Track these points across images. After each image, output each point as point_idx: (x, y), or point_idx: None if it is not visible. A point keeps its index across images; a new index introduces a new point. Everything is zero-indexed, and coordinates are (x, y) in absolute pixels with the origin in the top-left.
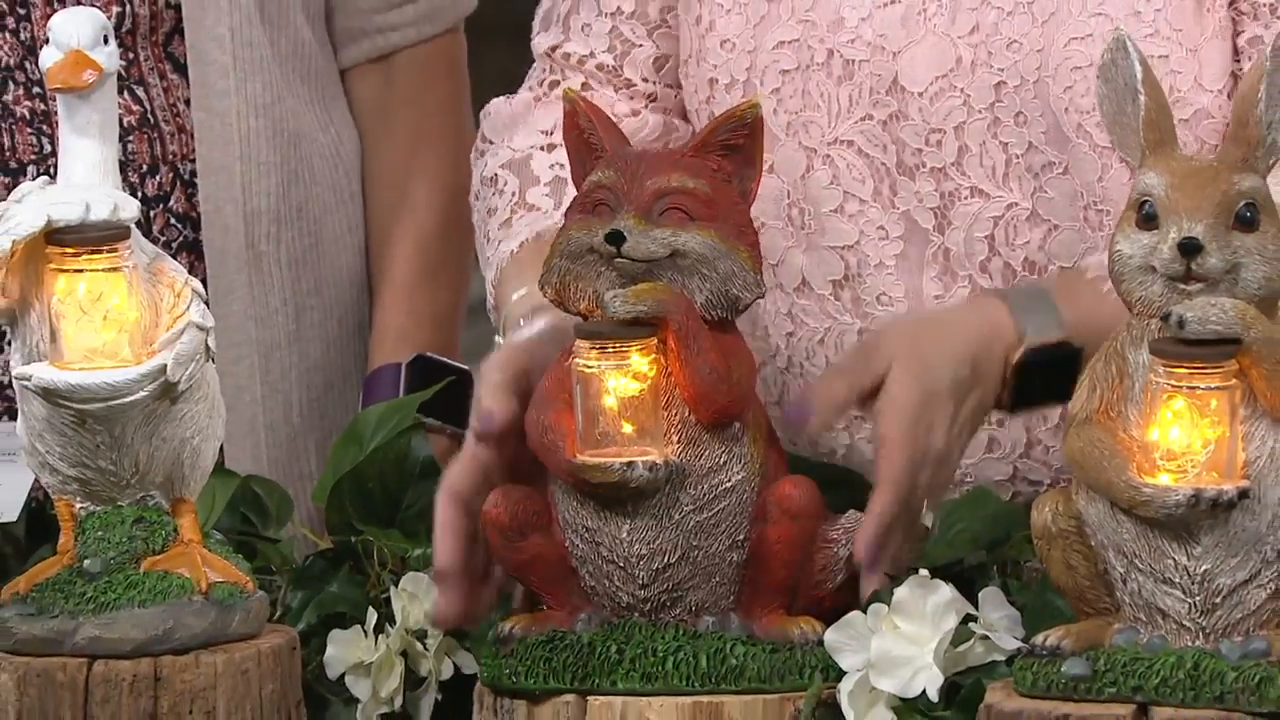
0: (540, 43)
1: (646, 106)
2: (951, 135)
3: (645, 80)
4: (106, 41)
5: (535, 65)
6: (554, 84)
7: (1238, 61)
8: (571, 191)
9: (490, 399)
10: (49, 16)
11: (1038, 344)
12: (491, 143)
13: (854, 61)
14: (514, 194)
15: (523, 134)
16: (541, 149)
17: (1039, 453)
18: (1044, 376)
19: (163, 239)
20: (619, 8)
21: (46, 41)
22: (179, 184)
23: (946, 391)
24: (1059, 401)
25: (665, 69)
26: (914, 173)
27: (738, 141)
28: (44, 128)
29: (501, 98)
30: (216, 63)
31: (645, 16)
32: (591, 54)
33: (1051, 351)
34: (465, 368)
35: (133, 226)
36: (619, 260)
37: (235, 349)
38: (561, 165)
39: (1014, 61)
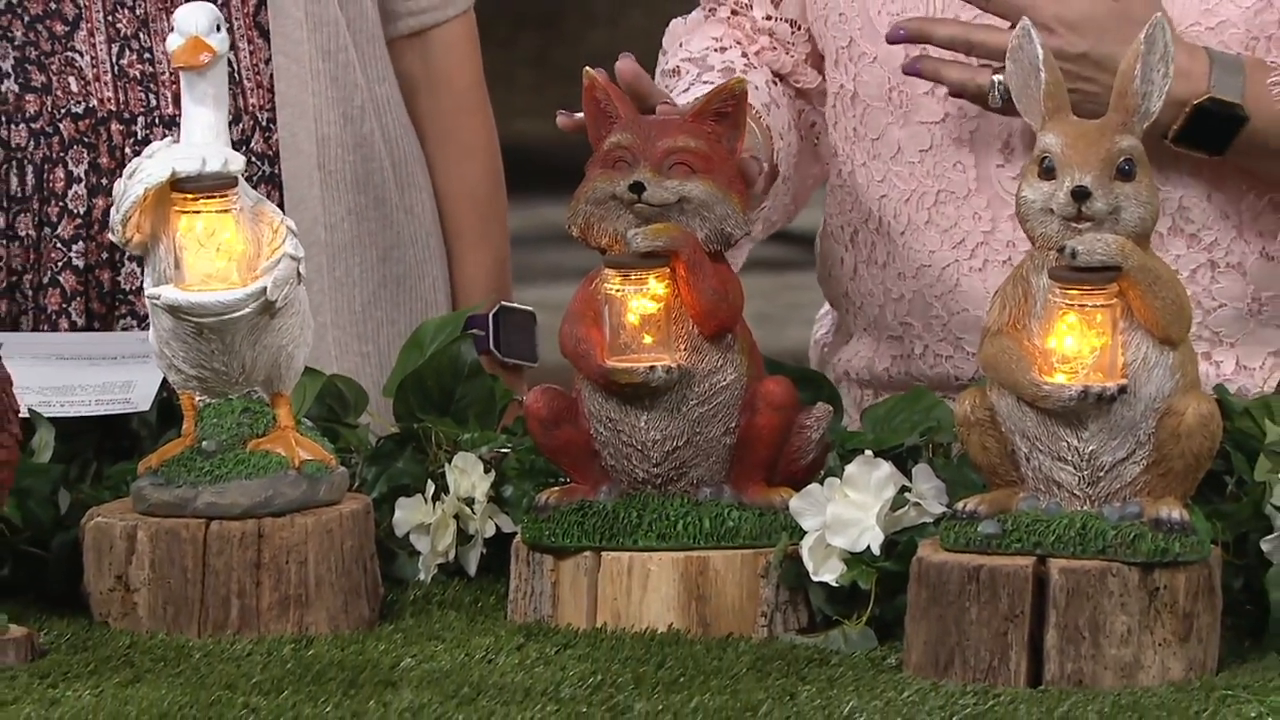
0: None
1: (777, 47)
2: None
3: (769, 18)
4: (219, 29)
5: None
6: (714, 9)
7: None
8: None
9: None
10: None
11: (1220, 98)
12: (667, 51)
13: None
14: (693, 78)
15: (698, 40)
16: (715, 50)
17: None
18: (1208, 127)
19: (244, 174)
20: None
21: (166, 22)
22: (257, 129)
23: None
24: (1210, 153)
25: (782, 4)
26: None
27: (727, 110)
28: (151, 86)
29: (679, 17)
30: (293, 16)
31: None
32: None
33: (1225, 109)
34: (531, 309)
35: (239, 176)
36: (638, 205)
37: (307, 248)
38: (730, 63)
39: None
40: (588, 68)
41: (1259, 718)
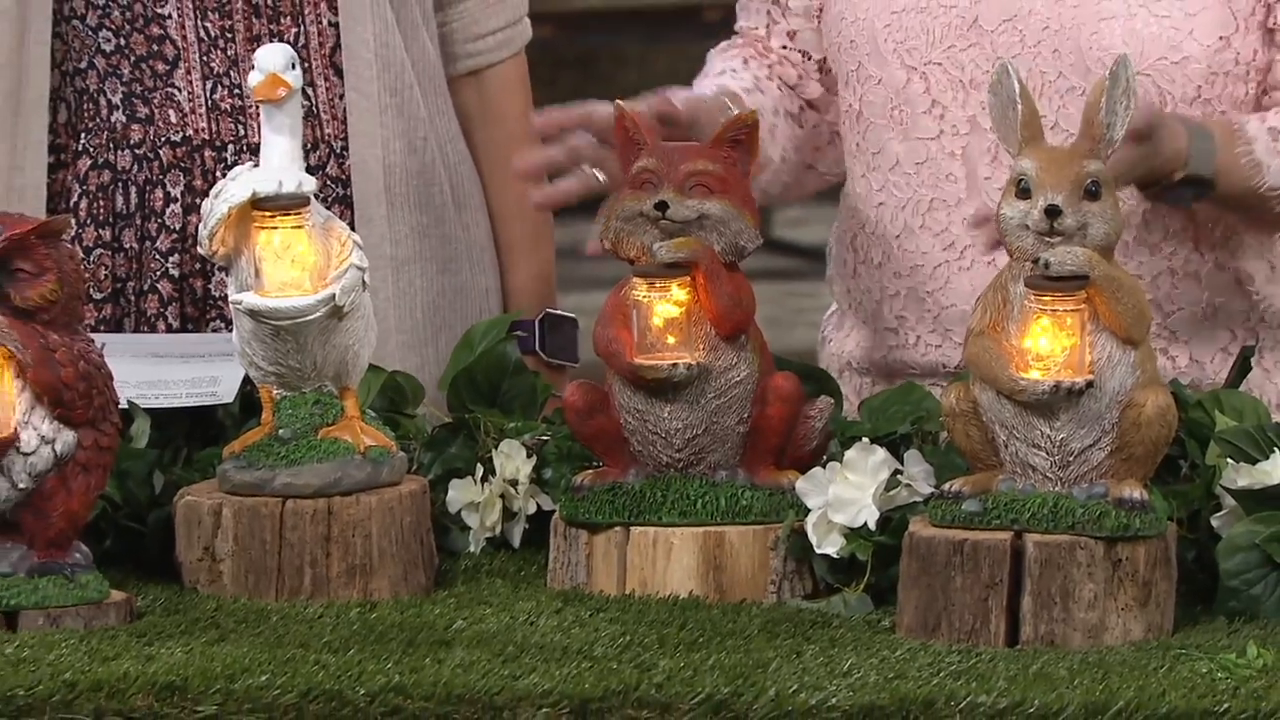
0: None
1: (784, 63)
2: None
3: (784, 47)
4: (294, 67)
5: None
6: (740, 37)
7: (1270, 32)
8: (754, 98)
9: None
10: (248, 40)
11: (1194, 174)
12: (705, 72)
13: (947, 7)
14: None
15: (718, 61)
16: (730, 71)
17: None
18: (1181, 192)
19: (320, 195)
20: None
21: (250, 64)
22: (332, 156)
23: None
24: (1186, 205)
25: (796, 37)
26: (981, 87)
27: (741, 138)
28: (240, 118)
29: (716, 46)
30: (363, 58)
31: (791, 9)
32: (755, 26)
33: (1199, 180)
34: (574, 315)
35: (311, 196)
36: (663, 222)
37: (374, 262)
38: (746, 86)
39: (1059, 12)
40: (618, 100)
41: (1209, 673)
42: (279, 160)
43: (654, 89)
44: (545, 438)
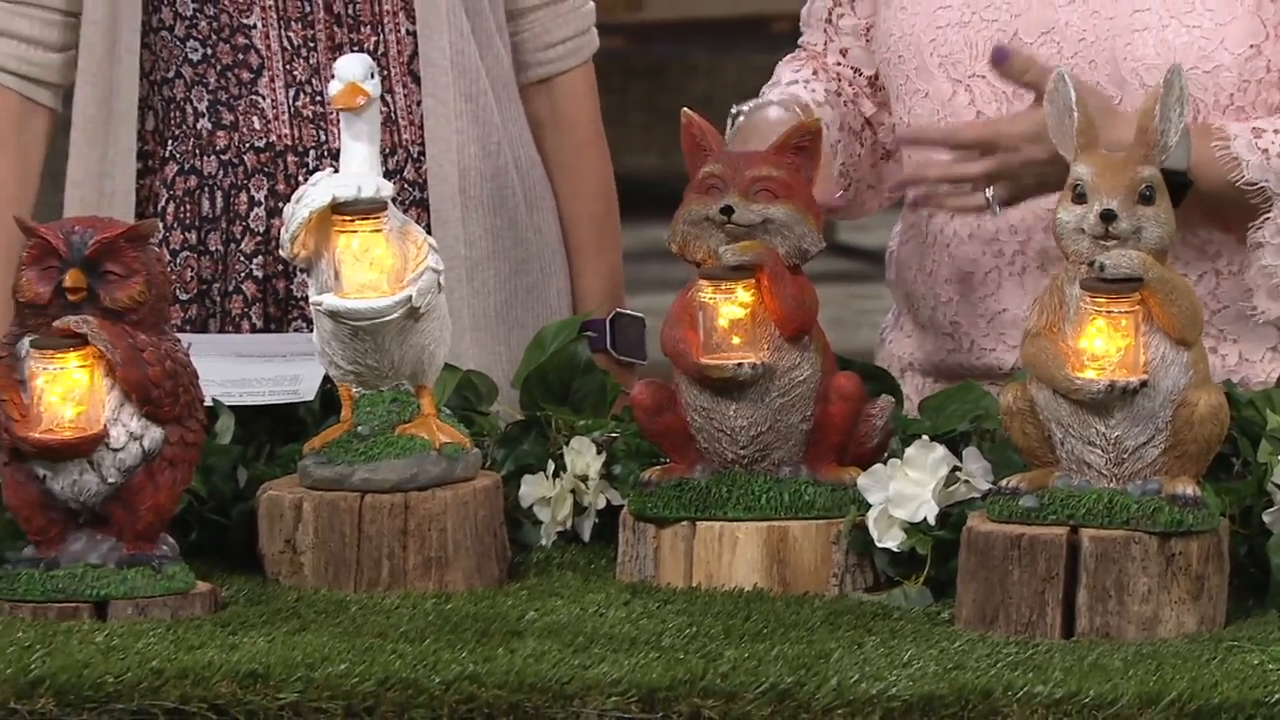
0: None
1: (842, 79)
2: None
3: (838, 63)
4: (373, 76)
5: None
6: (801, 50)
7: None
8: (823, 112)
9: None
10: (329, 49)
11: (1167, 168)
12: (775, 82)
13: (988, 21)
14: (778, 93)
15: (787, 71)
16: (801, 82)
17: None
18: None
19: (398, 198)
20: (830, 14)
21: (331, 72)
22: (409, 161)
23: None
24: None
25: (848, 55)
26: (1023, 98)
27: (805, 144)
28: (321, 124)
29: (783, 59)
30: (440, 65)
31: (842, 28)
32: (815, 43)
33: (1172, 176)
34: (642, 315)
35: (389, 201)
36: (728, 225)
37: (449, 262)
38: (818, 100)
39: (1094, 24)
40: (685, 109)
41: (1260, 665)
42: (358, 166)
43: (723, 99)
44: (614, 435)
